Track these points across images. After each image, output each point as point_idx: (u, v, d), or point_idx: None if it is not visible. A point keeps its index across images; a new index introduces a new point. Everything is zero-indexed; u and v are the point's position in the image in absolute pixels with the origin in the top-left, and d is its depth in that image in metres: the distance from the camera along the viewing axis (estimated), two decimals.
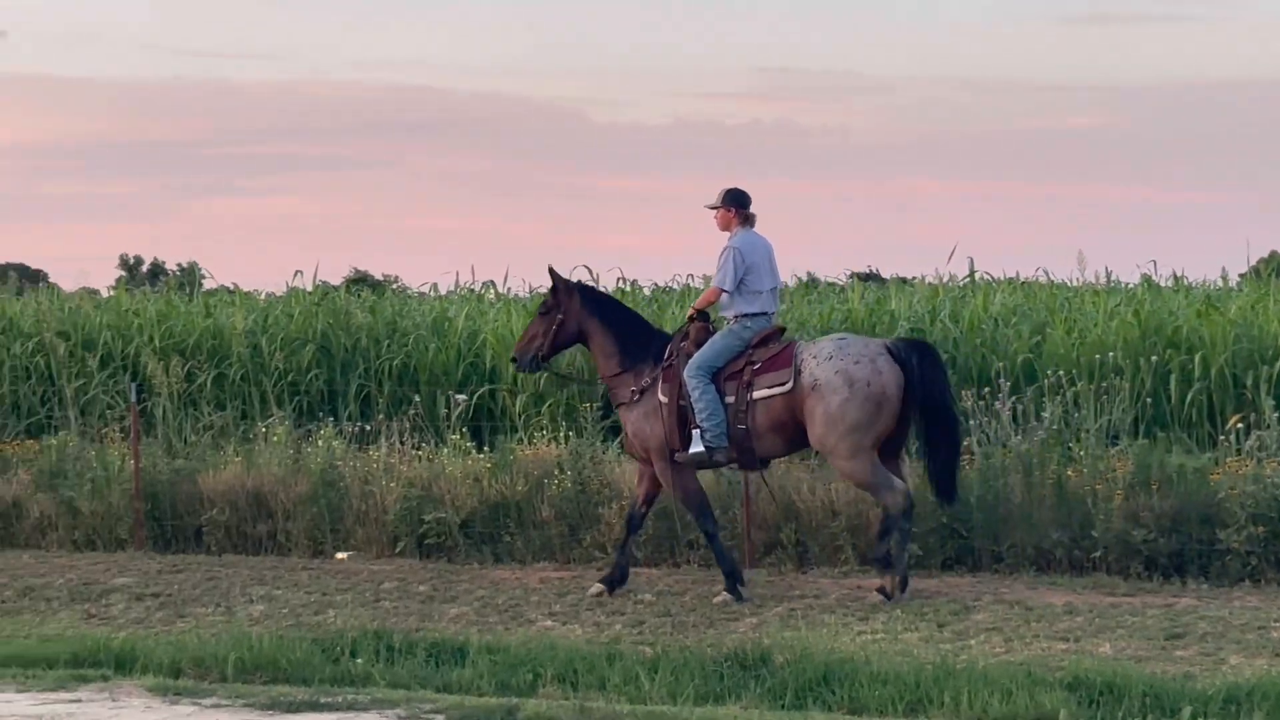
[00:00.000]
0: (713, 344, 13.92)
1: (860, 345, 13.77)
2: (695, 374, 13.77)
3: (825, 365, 13.47)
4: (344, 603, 13.63)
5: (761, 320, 13.98)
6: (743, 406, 13.68)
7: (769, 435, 13.77)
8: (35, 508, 16.87)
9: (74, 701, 10.58)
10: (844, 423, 13.35)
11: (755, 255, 13.98)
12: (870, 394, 13.35)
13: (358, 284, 25.76)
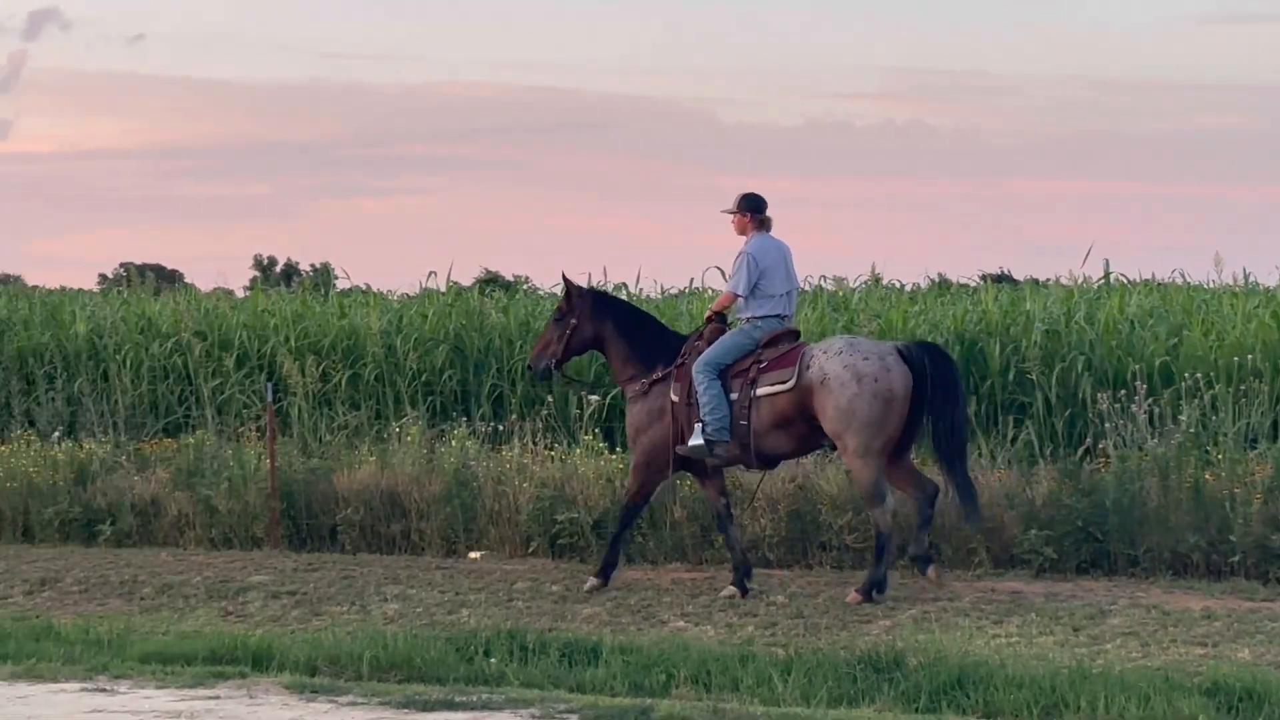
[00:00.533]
0: (722, 342, 14.22)
1: (871, 345, 14.03)
2: (702, 369, 14.06)
3: (834, 360, 13.68)
4: (477, 602, 13.69)
5: (774, 322, 14.23)
6: (746, 403, 13.92)
7: (773, 433, 13.96)
8: (173, 506, 17.06)
9: (212, 698, 10.69)
10: (856, 418, 13.53)
11: (769, 259, 14.24)
12: (878, 390, 13.53)
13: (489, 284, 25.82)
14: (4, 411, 19.96)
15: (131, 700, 10.63)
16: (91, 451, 18.01)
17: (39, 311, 22.37)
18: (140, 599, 14.37)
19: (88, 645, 12.25)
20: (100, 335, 20.76)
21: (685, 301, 20.91)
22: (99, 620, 13.32)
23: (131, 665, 11.58)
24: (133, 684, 11.11)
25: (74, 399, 19.92)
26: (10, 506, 17.49)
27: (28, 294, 26.36)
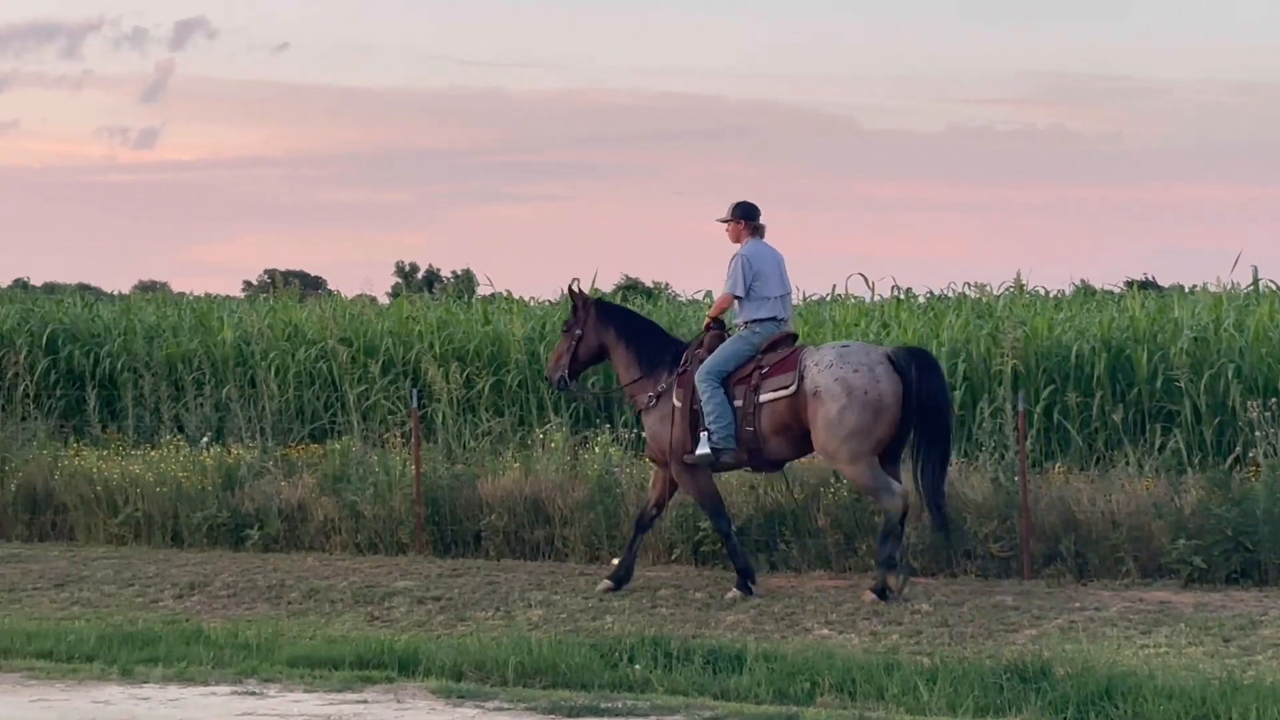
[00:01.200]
0: (723, 349, 14.51)
1: (861, 354, 14.19)
2: (705, 378, 14.36)
3: (826, 373, 13.97)
4: (621, 608, 13.72)
5: (771, 325, 14.55)
6: (750, 409, 14.24)
7: (775, 438, 14.27)
8: (319, 511, 17.21)
9: (360, 702, 10.77)
10: (843, 428, 13.81)
11: (763, 263, 14.58)
12: (868, 401, 13.81)
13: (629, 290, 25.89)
14: (153, 417, 20.22)
15: (281, 704, 10.74)
16: (239, 457, 18.21)
17: (188, 318, 22.66)
18: (287, 603, 14.52)
19: (237, 649, 12.39)
20: (248, 342, 21.01)
21: (827, 308, 20.85)
22: (247, 624, 13.47)
23: (280, 669, 11.71)
24: (282, 688, 11.23)
25: (222, 405, 20.16)
26: (160, 511, 17.72)
27: (176, 301, 26.71)
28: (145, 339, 21.70)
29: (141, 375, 20.71)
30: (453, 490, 17.05)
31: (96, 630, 13.15)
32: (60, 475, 18.36)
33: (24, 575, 15.87)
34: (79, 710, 10.63)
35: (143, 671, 11.75)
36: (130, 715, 10.51)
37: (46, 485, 18.46)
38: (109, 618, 13.94)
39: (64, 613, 14.38)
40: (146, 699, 10.96)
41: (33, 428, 20.11)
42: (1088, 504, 14.81)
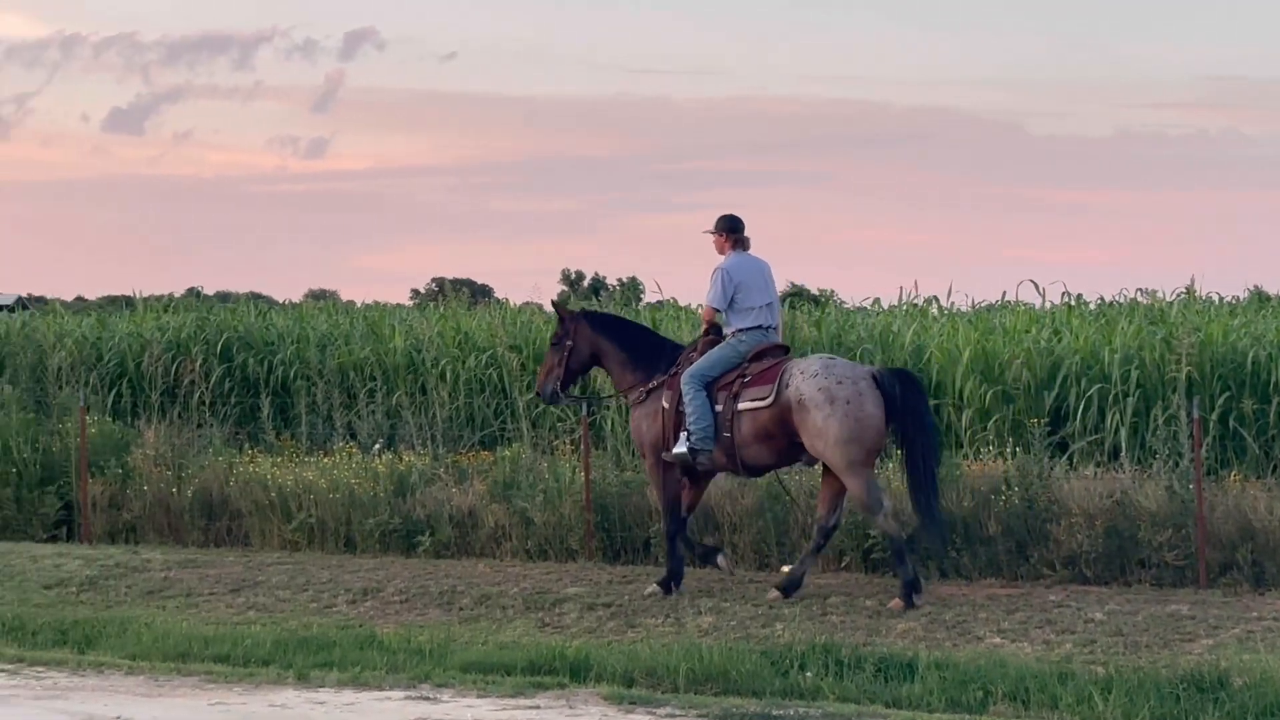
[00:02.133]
0: (710, 355, 14.99)
1: (847, 368, 14.64)
2: (689, 381, 14.86)
3: (809, 382, 14.37)
4: (791, 616, 13.69)
5: (757, 334, 15.02)
6: (729, 415, 14.70)
7: (754, 445, 14.69)
8: (490, 517, 17.31)
9: (533, 708, 10.85)
10: (830, 436, 14.22)
11: (744, 274, 15.05)
12: (849, 411, 14.19)
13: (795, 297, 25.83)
14: (326, 424, 20.44)
15: (454, 709, 10.84)
16: (411, 464, 18.36)
17: (359, 326, 22.90)
18: (459, 609, 14.63)
19: (410, 654, 12.53)
20: (419, 349, 21.19)
21: (997, 315, 20.70)
22: (420, 630, 13.61)
23: (453, 674, 11.82)
24: (455, 693, 11.34)
25: (393, 412, 20.34)
26: (333, 517, 17.91)
27: (346, 309, 27.01)
28: (318, 347, 21.96)
29: (314, 383, 20.95)
30: (622, 497, 17.09)
31: (272, 635, 13.34)
32: (235, 482, 18.62)
33: (201, 580, 16.12)
34: (256, 714, 10.79)
35: (318, 676, 11.92)
36: (306, 719, 10.64)
37: (222, 491, 18.72)
38: (284, 622, 14.13)
39: (240, 617, 14.60)
40: (322, 703, 11.11)
41: (208, 434, 20.41)
42: (1264, 512, 14.59)
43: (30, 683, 11.98)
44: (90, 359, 22.97)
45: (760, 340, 15.01)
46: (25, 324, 24.76)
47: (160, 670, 12.33)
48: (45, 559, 17.28)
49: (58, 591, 15.97)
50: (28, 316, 26.14)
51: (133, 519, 19.04)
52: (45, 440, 19.90)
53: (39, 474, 19.61)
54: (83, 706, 11.06)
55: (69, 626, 14.24)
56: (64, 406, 20.63)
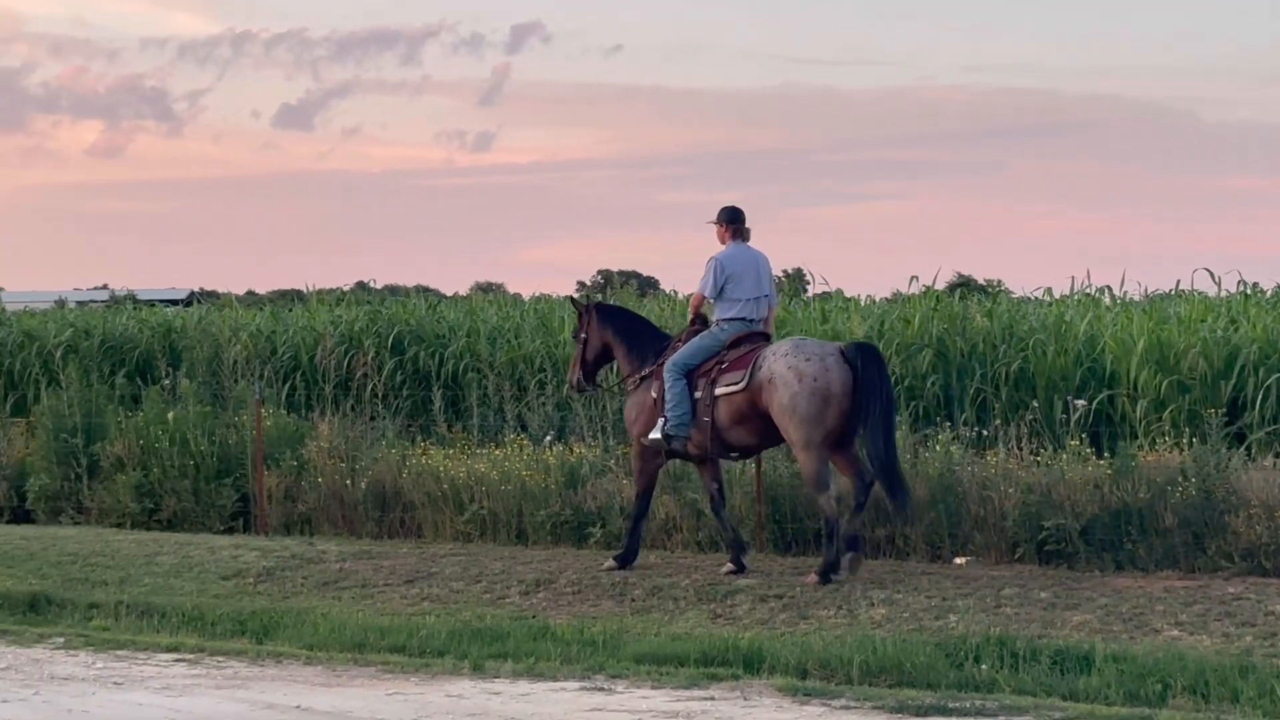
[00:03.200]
0: (691, 344, 15.64)
1: (815, 346, 15.24)
2: (671, 369, 15.53)
3: (780, 361, 14.95)
4: (965, 608, 13.59)
5: (739, 324, 15.56)
6: (708, 400, 15.32)
7: (734, 428, 15.30)
8: (660, 509, 17.31)
9: (707, 699, 10.86)
10: (796, 414, 14.77)
11: (738, 266, 15.59)
12: (817, 389, 14.74)
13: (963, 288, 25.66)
14: (498, 417, 20.58)
15: (629, 700, 10.87)
16: (581, 456, 18.43)
17: (529, 319, 23.03)
18: (631, 600, 14.67)
19: (583, 645, 12.58)
20: None
21: (1172, 304, 20.45)
22: (592, 621, 13.66)
23: (627, 665, 11.86)
24: (629, 684, 11.36)
25: (563, 404, 20.43)
26: (505, 509, 18.01)
27: (516, 302, 27.17)
28: (488, 340, 22.12)
29: (485, 375, 21.10)
30: (793, 489, 17.04)
31: (447, 626, 13.46)
32: (408, 474, 18.78)
33: (375, 571, 16.28)
34: (433, 704, 10.88)
35: (493, 666, 12.00)
36: (483, 709, 10.72)
37: (395, 483, 18.90)
38: (458, 613, 14.24)
39: (414, 608, 14.72)
40: (498, 693, 11.18)
41: (381, 427, 20.62)
42: None
43: (211, 672, 12.16)
44: (265, 352, 23.31)
45: (740, 330, 15.56)
46: (201, 319, 25.17)
47: (338, 660, 12.47)
48: (223, 550, 17.53)
49: (235, 582, 16.20)
50: (203, 311, 26.55)
51: (308, 511, 19.27)
52: (222, 433, 20.19)
53: (216, 466, 19.91)
54: (262, 696, 11.22)
55: (247, 617, 14.45)
56: (240, 400, 20.90)
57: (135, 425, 20.45)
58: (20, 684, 11.72)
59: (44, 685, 11.68)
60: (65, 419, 20.88)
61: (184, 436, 19.94)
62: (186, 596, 15.47)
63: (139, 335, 24.83)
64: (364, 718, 10.49)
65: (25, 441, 21.87)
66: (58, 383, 22.35)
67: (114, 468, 20.28)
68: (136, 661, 12.62)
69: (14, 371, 24.45)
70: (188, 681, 11.79)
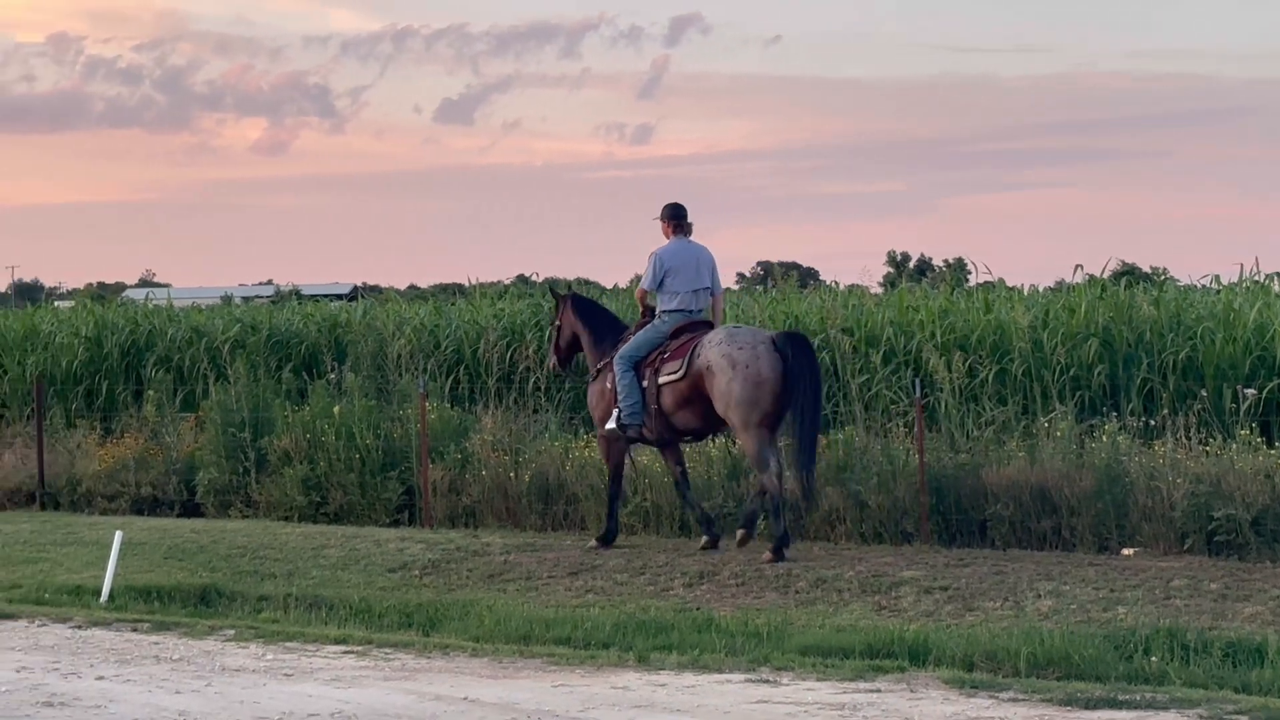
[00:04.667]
0: (636, 337, 16.74)
1: (748, 335, 16.26)
2: (619, 362, 16.64)
3: (714, 350, 16.02)
4: (1133, 599, 13.44)
5: (680, 315, 16.63)
6: (654, 389, 16.40)
7: (679, 412, 16.39)
8: (824, 500, 17.29)
9: (873, 691, 10.81)
10: (732, 398, 15.86)
11: (677, 260, 16.71)
12: (749, 375, 15.80)
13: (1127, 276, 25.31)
14: None
15: (794, 692, 10.85)
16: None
17: None
18: (795, 592, 14.64)
19: (748, 637, 12.58)
20: None
21: None
22: (757, 612, 13.65)
23: (791, 657, 11.83)
24: (794, 676, 11.34)
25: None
26: (668, 501, 18.02)
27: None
28: None
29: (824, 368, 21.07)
30: (957, 479, 16.96)
31: (611, 618, 13.49)
32: (571, 466, 18.86)
33: (540, 564, 16.35)
34: (599, 696, 10.91)
35: (658, 658, 12.01)
36: (648, 701, 10.74)
37: (558, 476, 18.98)
38: (622, 605, 14.27)
39: (579, 600, 14.78)
40: (663, 685, 11.19)
41: (544, 420, 20.71)
42: None
43: (379, 664, 12.27)
44: (428, 346, 23.46)
45: (681, 321, 16.60)
46: (366, 313, 25.39)
47: (503, 652, 12.54)
48: (389, 543, 17.69)
49: (401, 575, 16.34)
50: (368, 305, 26.78)
51: (472, 503, 19.40)
52: (387, 427, 20.37)
53: (381, 460, 20.09)
54: (430, 687, 11.30)
55: (413, 609, 14.57)
56: (404, 393, 21.07)
57: (302, 419, 20.68)
58: (193, 675, 11.90)
59: (216, 677, 11.85)
60: (233, 414, 21.17)
61: (350, 430, 20.14)
62: (353, 589, 15.63)
63: (305, 330, 25.09)
64: (531, 709, 10.54)
65: (194, 436, 22.18)
66: (226, 378, 22.63)
67: (281, 462, 20.52)
68: (306, 653, 12.77)
69: (183, 367, 24.76)
70: (356, 673, 11.91)
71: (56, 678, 11.81)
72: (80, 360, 25.35)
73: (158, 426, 22.74)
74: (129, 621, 14.27)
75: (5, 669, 12.14)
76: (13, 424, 24.59)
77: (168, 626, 14.04)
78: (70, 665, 12.31)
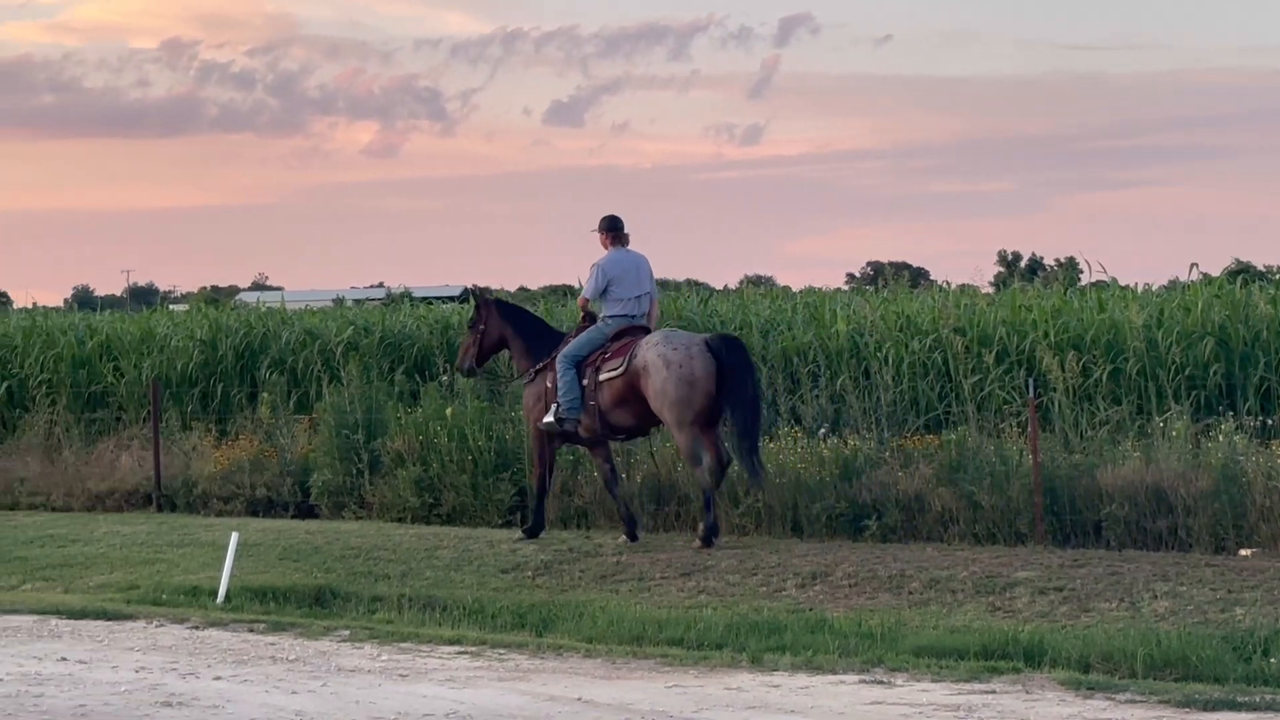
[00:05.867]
0: (579, 338, 17.67)
1: (684, 337, 17.32)
2: (562, 360, 17.52)
3: (651, 351, 16.97)
4: (1252, 600, 13.30)
5: (622, 320, 17.60)
6: (594, 386, 17.31)
7: (616, 410, 17.29)
8: (936, 501, 17.21)
9: (988, 692, 10.76)
10: (666, 397, 16.79)
11: (619, 270, 17.65)
12: (683, 375, 16.75)
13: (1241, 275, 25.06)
14: (771, 409, 20.54)
15: (909, 693, 10.82)
16: (856, 448, 18.36)
17: (800, 312, 22.97)
18: (909, 593, 14.58)
19: (861, 638, 12.55)
20: (861, 334, 21.14)
21: None
22: (870, 613, 13.61)
23: (905, 659, 11.80)
24: (909, 677, 11.31)
25: (837, 396, 20.34)
26: (780, 502, 18.01)
27: (789, 295, 27.10)
28: (760, 333, 22.09)
29: (758, 368, 21.07)
30: (1071, 480, 16.83)
31: (724, 619, 13.50)
32: (683, 467, 18.84)
33: (652, 564, 16.36)
34: (713, 697, 10.91)
35: (771, 659, 12.01)
36: (762, 702, 10.73)
37: (670, 476, 18.97)
38: (735, 606, 14.27)
39: (691, 601, 14.79)
40: (777, 686, 11.19)
41: None
42: None
43: (493, 664, 12.33)
44: None
45: (623, 325, 17.54)
46: None
47: (617, 653, 12.57)
48: (501, 544, 17.75)
49: (514, 575, 16.39)
50: None
51: (584, 504, 19.44)
52: (499, 428, 20.44)
53: (494, 461, 20.15)
54: (544, 688, 11.34)
55: (526, 610, 14.63)
56: (516, 395, 21.14)
57: (414, 421, 20.77)
58: (309, 676, 11.99)
59: (331, 677, 11.93)
60: (347, 415, 21.29)
61: (462, 432, 20.22)
62: (467, 589, 15.71)
63: (417, 332, 25.19)
64: (645, 710, 10.55)
65: (308, 438, 22.33)
66: (339, 380, 22.77)
67: (394, 463, 20.63)
68: (420, 654, 12.84)
69: (296, 369, 24.90)
70: (471, 674, 11.97)
71: (175, 678, 11.94)
72: (195, 363, 25.54)
73: (272, 428, 22.93)
74: (245, 622, 14.40)
75: (124, 669, 12.28)
76: (129, 426, 24.79)
77: (283, 627, 14.17)
78: (188, 665, 12.44)
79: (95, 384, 25.96)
